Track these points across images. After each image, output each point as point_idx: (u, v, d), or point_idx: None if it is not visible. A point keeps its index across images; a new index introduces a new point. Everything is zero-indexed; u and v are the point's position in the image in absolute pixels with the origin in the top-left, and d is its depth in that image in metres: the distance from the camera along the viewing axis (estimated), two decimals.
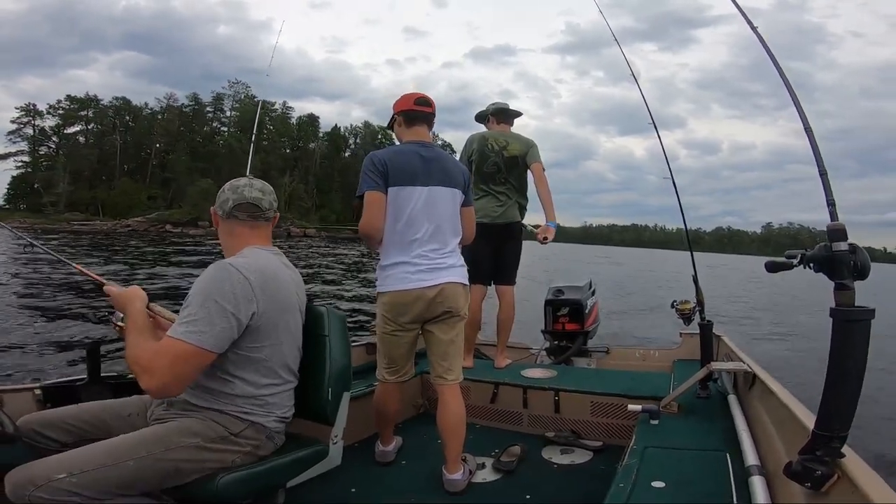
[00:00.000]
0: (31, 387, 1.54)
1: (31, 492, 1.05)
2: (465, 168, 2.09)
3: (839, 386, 0.97)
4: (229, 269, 1.23)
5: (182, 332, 1.16)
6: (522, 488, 1.90)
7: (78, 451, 1.15)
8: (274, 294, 1.30)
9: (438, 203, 1.89)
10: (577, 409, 2.36)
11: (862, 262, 0.96)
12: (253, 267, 1.27)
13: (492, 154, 2.81)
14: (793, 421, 1.30)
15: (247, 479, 1.25)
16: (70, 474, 1.08)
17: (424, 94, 2.00)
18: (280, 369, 1.34)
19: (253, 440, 1.28)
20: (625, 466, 1.43)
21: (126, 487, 1.13)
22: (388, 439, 2.16)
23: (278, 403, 1.34)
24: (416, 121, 1.96)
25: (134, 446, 1.16)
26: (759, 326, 10.21)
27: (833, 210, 1.03)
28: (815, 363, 5.44)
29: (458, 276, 1.92)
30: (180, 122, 63.28)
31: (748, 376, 1.92)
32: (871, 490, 0.86)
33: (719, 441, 1.59)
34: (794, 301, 15.46)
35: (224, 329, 1.19)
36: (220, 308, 1.18)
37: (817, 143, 1.13)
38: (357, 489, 1.87)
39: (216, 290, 1.20)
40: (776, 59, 1.31)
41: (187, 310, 1.19)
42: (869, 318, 0.95)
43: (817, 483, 0.97)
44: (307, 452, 1.41)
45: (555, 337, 3.36)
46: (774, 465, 1.27)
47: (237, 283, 1.22)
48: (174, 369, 1.15)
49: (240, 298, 1.21)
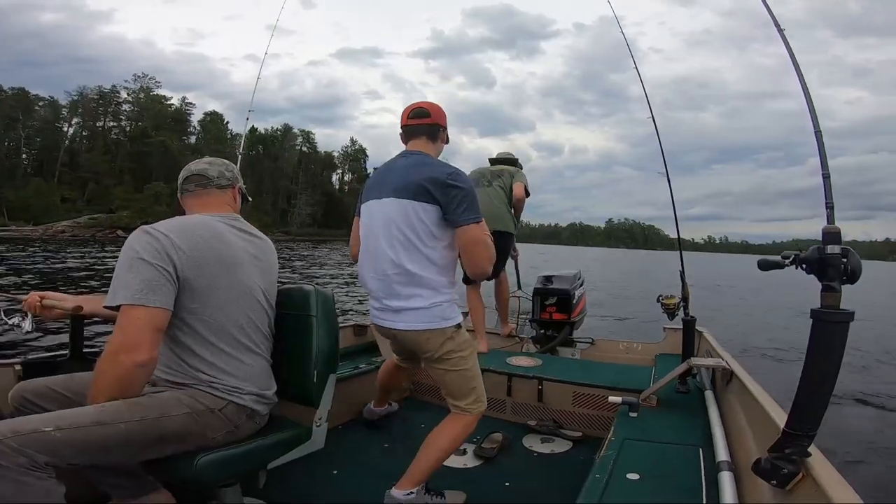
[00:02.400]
0: (12, 362, 1.51)
1: (2, 439, 0.96)
2: (447, 174, 1.54)
3: (812, 385, 0.98)
4: (144, 230, 1.20)
5: (130, 297, 1.12)
6: (502, 475, 1.91)
7: (69, 411, 1.10)
8: (207, 248, 1.24)
9: (385, 218, 1.59)
10: (559, 398, 2.36)
11: (853, 265, 0.96)
12: (171, 225, 1.23)
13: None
14: (765, 418, 1.31)
15: (227, 460, 1.21)
16: (57, 428, 1.02)
17: (421, 104, 1.72)
18: (236, 332, 1.28)
19: (233, 418, 1.25)
20: (602, 458, 1.43)
21: (106, 451, 1.08)
22: (381, 402, 2.26)
23: (251, 378, 1.30)
24: (412, 135, 1.70)
25: (127, 410, 1.11)
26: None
27: (831, 213, 1.02)
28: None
29: (413, 322, 1.59)
30: (93, 117, 56.94)
31: (726, 373, 1.93)
32: (833, 490, 0.87)
33: (695, 436, 1.60)
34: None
35: (160, 284, 1.16)
36: (147, 264, 1.15)
37: (824, 147, 1.11)
38: (339, 471, 1.86)
39: (139, 251, 1.16)
40: (799, 66, 1.27)
41: (119, 280, 1.14)
42: (848, 321, 0.95)
43: (783, 481, 0.98)
44: (290, 434, 1.37)
45: (542, 326, 3.36)
46: (744, 462, 1.27)
47: (155, 240, 1.18)
48: (146, 332, 1.13)
49: (161, 252, 1.17)
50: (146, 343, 1.13)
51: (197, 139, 62.56)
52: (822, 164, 1.08)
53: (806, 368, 0.99)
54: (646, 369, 2.52)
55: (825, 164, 1.08)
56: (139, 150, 54.51)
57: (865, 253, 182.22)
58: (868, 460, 3.33)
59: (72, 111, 55.93)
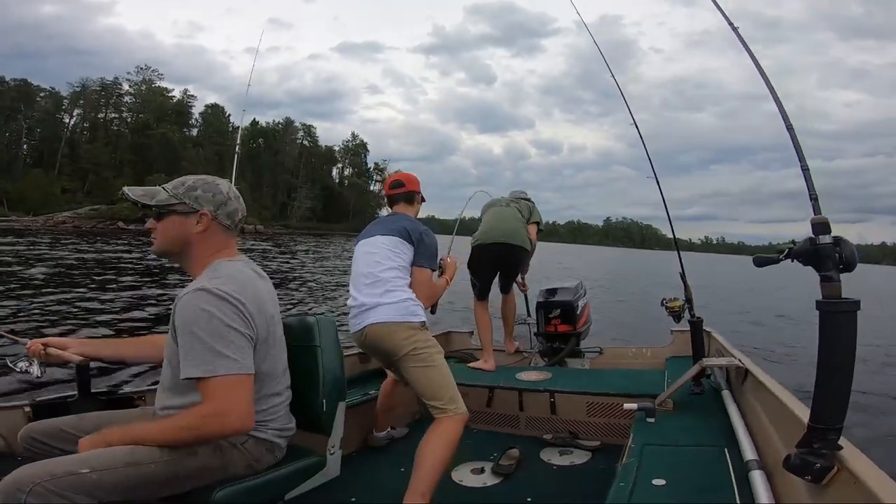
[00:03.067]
0: (21, 404, 1.51)
1: (40, 482, 0.96)
2: (419, 229, 1.97)
3: (830, 378, 0.97)
4: (215, 294, 1.14)
5: (230, 367, 1.11)
6: (523, 491, 1.90)
7: (98, 451, 1.09)
8: (262, 309, 1.24)
9: (370, 248, 1.94)
10: (573, 409, 2.34)
11: (847, 254, 0.96)
12: (236, 285, 1.19)
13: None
14: (787, 414, 1.30)
15: (244, 492, 1.21)
16: (93, 470, 1.03)
17: (397, 177, 2.20)
18: (275, 381, 1.31)
19: (253, 452, 1.25)
20: (624, 465, 1.42)
21: (135, 490, 1.08)
22: (381, 426, 2.34)
23: (277, 416, 1.31)
24: (394, 202, 2.13)
25: (155, 449, 1.11)
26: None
27: (816, 204, 1.01)
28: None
29: (383, 315, 1.81)
30: (94, 108, 56.92)
31: (740, 371, 1.92)
32: (871, 481, 0.85)
33: (716, 436, 1.58)
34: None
35: (249, 350, 1.17)
36: (237, 333, 1.15)
37: (798, 140, 1.11)
38: (357, 498, 1.85)
39: (223, 319, 1.13)
40: (760, 65, 1.30)
41: (210, 350, 1.11)
42: (855, 310, 0.95)
43: (818, 476, 0.96)
44: (305, 464, 1.37)
45: (547, 339, 3.33)
46: (773, 459, 1.27)
47: (233, 307, 1.16)
48: (248, 400, 1.14)
49: (243, 317, 1.17)
50: (252, 412, 1.16)
51: (199, 132, 62.41)
52: (799, 157, 1.10)
53: (820, 361, 0.98)
54: (657, 373, 2.51)
55: (801, 156, 1.09)
56: (140, 142, 54.30)
57: (860, 256, 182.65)
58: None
59: (73, 103, 55.61)
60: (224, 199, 1.27)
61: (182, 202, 1.24)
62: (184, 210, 1.24)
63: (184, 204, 1.24)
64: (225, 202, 1.27)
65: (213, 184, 1.28)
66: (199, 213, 1.24)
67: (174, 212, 1.24)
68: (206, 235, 1.26)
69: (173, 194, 1.24)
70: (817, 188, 1.07)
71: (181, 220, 1.24)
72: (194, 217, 1.24)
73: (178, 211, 1.24)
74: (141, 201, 1.24)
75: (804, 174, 1.06)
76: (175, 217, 1.24)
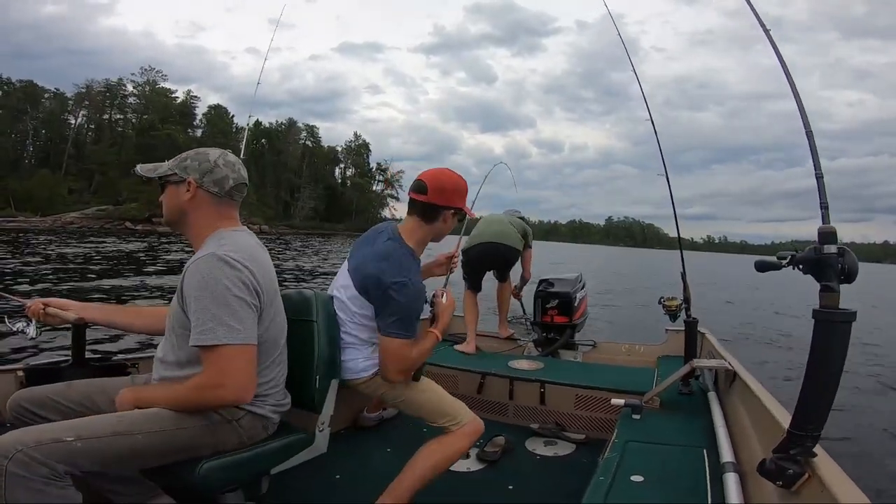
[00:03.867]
0: (14, 368, 1.48)
1: (23, 449, 0.95)
2: (389, 279, 1.44)
3: (816, 386, 0.97)
4: (223, 260, 1.15)
5: (224, 337, 1.11)
6: (505, 479, 1.91)
7: (86, 419, 1.09)
8: (269, 277, 1.25)
9: (343, 282, 1.56)
10: (561, 401, 2.35)
11: (849, 265, 0.95)
12: (245, 254, 1.20)
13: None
14: (769, 419, 1.30)
15: (230, 466, 1.20)
16: (79, 437, 1.01)
17: (426, 175, 1.58)
18: (276, 351, 1.30)
19: (249, 428, 1.25)
20: (605, 460, 1.42)
21: (121, 460, 1.08)
22: (374, 408, 2.33)
23: (275, 391, 1.30)
24: (409, 210, 1.61)
25: (146, 420, 1.11)
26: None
27: (826, 213, 1.01)
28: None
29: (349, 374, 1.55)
30: (99, 109, 56.56)
31: (729, 374, 1.93)
32: (839, 490, 0.85)
33: (699, 437, 1.59)
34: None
35: (252, 319, 1.17)
36: (240, 301, 1.15)
37: (816, 148, 1.10)
38: (342, 476, 1.86)
39: (230, 286, 1.14)
40: (787, 68, 1.26)
41: (214, 318, 1.11)
42: (850, 321, 0.94)
43: (788, 482, 0.97)
44: (292, 439, 1.36)
45: (543, 329, 3.34)
46: (749, 463, 1.27)
47: (240, 273, 1.16)
48: (248, 371, 1.14)
49: (249, 286, 1.17)
50: (252, 384, 1.16)
51: (203, 132, 62.67)
52: (815, 165, 1.08)
53: (809, 369, 0.98)
54: (648, 371, 2.51)
55: (818, 164, 1.07)
56: (146, 143, 54.38)
57: (862, 255, 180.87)
58: (875, 460, 3.30)
59: (78, 104, 55.80)
60: (210, 167, 1.27)
61: (174, 172, 1.27)
62: (176, 180, 1.27)
63: (174, 174, 1.27)
64: (211, 170, 1.27)
65: (204, 153, 1.29)
66: (185, 181, 1.26)
67: (169, 182, 1.28)
68: (197, 203, 1.26)
69: (170, 166, 1.28)
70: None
71: (174, 189, 1.27)
72: (182, 186, 1.26)
73: (171, 181, 1.27)
74: (147, 175, 1.30)
75: (818, 182, 1.05)
76: (170, 187, 1.28)
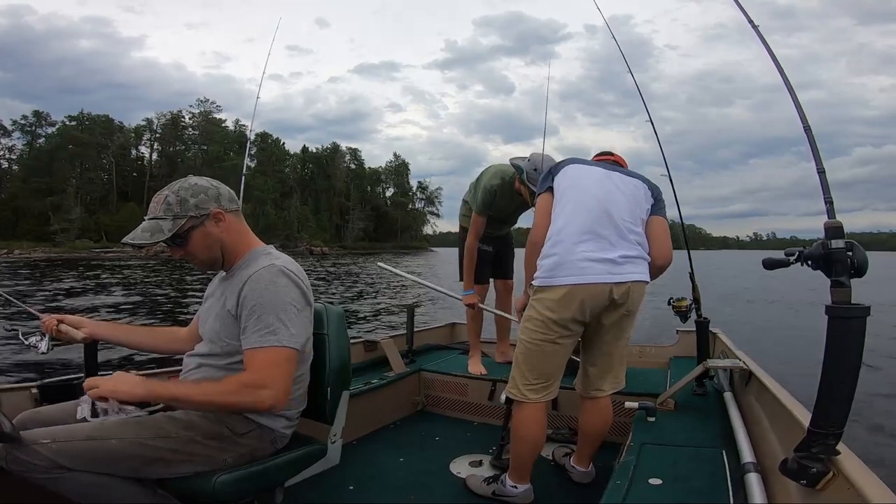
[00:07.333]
0: (28, 385, 1.50)
1: (10, 451, 1.01)
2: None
3: (834, 383, 0.94)
4: (286, 274, 1.20)
5: (276, 340, 1.14)
6: None
7: (68, 426, 1.11)
8: (309, 289, 1.28)
9: (623, 186, 1.74)
10: (575, 405, 2.22)
11: (859, 259, 0.93)
12: (297, 270, 1.24)
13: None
14: (788, 418, 1.27)
15: (245, 479, 1.20)
16: (54, 440, 1.04)
17: (609, 153, 1.88)
18: (305, 367, 1.32)
19: (254, 442, 1.23)
20: (622, 463, 1.39)
21: (103, 465, 1.07)
22: (525, 476, 1.73)
23: (294, 405, 1.30)
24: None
25: (122, 427, 1.11)
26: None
27: (830, 207, 0.99)
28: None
29: (645, 273, 1.67)
30: (168, 143, 60.24)
31: (744, 373, 1.87)
32: (866, 487, 0.83)
33: (715, 438, 1.56)
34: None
35: (307, 329, 1.22)
36: (296, 310, 1.19)
37: (816, 143, 1.07)
38: (355, 487, 1.85)
39: (288, 297, 1.19)
40: (778, 60, 1.24)
41: (281, 322, 1.15)
42: (864, 316, 0.92)
43: (813, 480, 0.95)
44: (306, 451, 1.36)
45: None
46: (770, 463, 1.24)
47: (303, 284, 1.22)
48: (288, 375, 1.16)
49: (307, 300, 1.22)
50: (288, 393, 1.19)
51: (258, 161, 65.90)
52: (816, 160, 1.05)
53: (826, 366, 0.95)
54: (660, 373, 2.47)
55: (818, 159, 1.05)
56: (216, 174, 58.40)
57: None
58: None
59: (138, 136, 59.56)
60: (215, 191, 1.25)
61: (188, 216, 1.20)
62: (197, 223, 1.22)
63: (193, 217, 1.21)
64: (218, 193, 1.25)
65: (189, 185, 1.24)
66: (211, 215, 1.23)
67: (192, 229, 1.22)
68: (227, 227, 1.25)
69: (178, 216, 1.20)
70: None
71: (201, 232, 1.23)
72: (210, 221, 1.23)
73: (194, 227, 1.22)
74: (144, 243, 1.20)
75: (819, 177, 1.04)
76: (195, 233, 1.22)
